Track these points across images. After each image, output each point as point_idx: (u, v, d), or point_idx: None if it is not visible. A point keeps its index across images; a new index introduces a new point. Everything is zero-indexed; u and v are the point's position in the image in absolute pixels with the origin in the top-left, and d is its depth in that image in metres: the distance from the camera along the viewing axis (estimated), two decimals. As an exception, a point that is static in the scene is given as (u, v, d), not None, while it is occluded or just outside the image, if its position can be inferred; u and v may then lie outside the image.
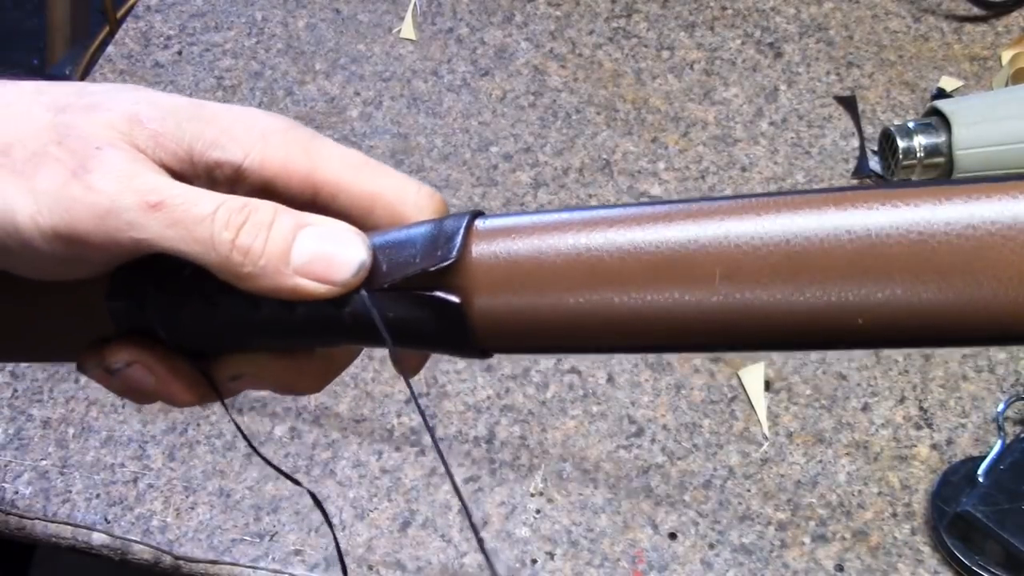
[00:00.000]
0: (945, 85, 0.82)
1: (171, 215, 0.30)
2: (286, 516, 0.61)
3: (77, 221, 0.29)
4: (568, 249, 0.29)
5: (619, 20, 0.89)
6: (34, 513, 0.62)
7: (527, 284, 0.29)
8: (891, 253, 0.25)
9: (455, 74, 0.85)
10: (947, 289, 0.25)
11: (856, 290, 0.26)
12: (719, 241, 0.27)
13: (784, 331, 0.27)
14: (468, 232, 0.30)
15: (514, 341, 0.30)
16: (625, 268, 0.28)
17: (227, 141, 0.32)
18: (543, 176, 0.78)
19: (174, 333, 0.33)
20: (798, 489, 0.62)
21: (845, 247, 0.26)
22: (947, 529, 0.58)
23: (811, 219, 0.26)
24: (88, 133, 0.30)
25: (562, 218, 0.30)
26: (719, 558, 0.59)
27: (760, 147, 0.80)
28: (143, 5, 0.92)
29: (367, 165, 0.34)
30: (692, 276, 0.27)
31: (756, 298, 0.27)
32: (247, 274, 0.30)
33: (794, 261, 0.26)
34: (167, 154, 0.31)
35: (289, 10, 0.91)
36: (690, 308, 0.27)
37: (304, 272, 0.30)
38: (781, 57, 0.86)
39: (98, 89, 0.33)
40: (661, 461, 0.63)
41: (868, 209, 0.26)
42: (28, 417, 0.66)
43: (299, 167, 0.33)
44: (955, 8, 0.88)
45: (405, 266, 0.30)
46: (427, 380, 0.67)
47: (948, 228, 0.25)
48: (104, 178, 0.29)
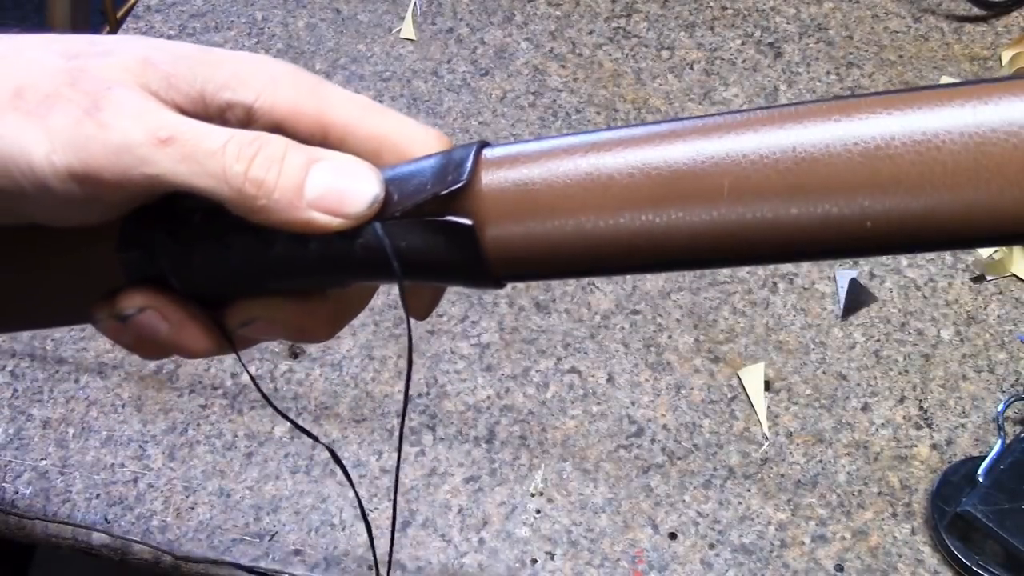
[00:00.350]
0: (945, 85, 0.82)
1: (182, 149, 0.30)
2: (286, 516, 0.61)
3: (91, 158, 0.30)
4: (577, 170, 0.29)
5: (619, 20, 0.89)
6: (34, 513, 0.62)
7: (538, 207, 0.29)
8: (897, 156, 0.26)
9: (455, 74, 0.85)
10: (954, 190, 0.25)
11: (864, 195, 0.26)
12: (726, 154, 0.27)
13: (794, 240, 0.27)
14: (477, 159, 0.30)
15: (527, 266, 0.31)
16: (635, 186, 0.28)
17: (238, 84, 0.33)
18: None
19: (187, 280, 0.33)
20: (798, 489, 0.62)
21: (852, 153, 0.26)
22: (947, 529, 0.58)
23: (817, 128, 0.27)
24: (101, 75, 0.31)
25: (570, 141, 0.30)
26: (719, 558, 0.59)
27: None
28: (143, 5, 0.92)
29: (375, 108, 0.34)
30: (701, 190, 0.27)
31: (765, 209, 0.27)
32: (260, 207, 0.30)
33: (801, 169, 0.27)
34: (180, 95, 0.32)
35: (289, 10, 0.91)
36: (701, 222, 0.28)
37: (317, 205, 0.30)
38: (781, 57, 0.86)
39: (110, 39, 0.33)
40: (661, 461, 0.63)
41: (872, 115, 0.26)
42: (28, 417, 0.66)
43: (309, 109, 0.33)
44: (955, 8, 0.88)
45: (416, 194, 0.30)
46: (427, 380, 0.67)
47: (951, 128, 0.25)
48: (116, 115, 0.30)
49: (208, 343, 0.35)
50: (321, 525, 0.61)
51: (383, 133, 0.34)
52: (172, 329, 0.34)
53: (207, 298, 0.34)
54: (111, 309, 0.34)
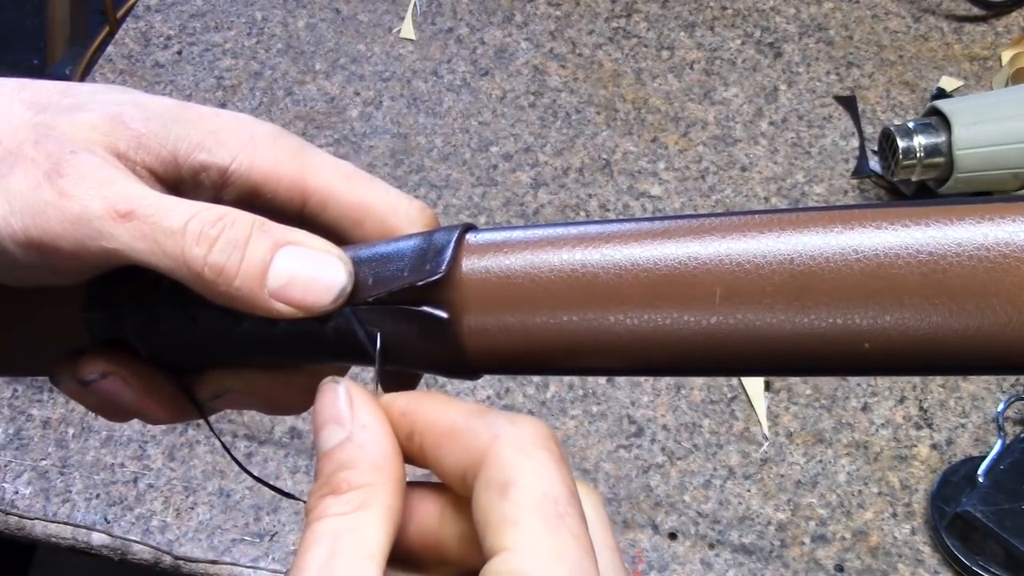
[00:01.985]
0: (945, 85, 0.82)
1: (141, 226, 0.28)
2: (286, 516, 0.61)
3: (47, 226, 0.28)
4: (562, 265, 0.28)
5: (619, 20, 0.89)
6: (34, 513, 0.62)
7: (520, 301, 0.28)
8: (900, 275, 0.24)
9: (455, 74, 0.85)
10: (958, 313, 0.24)
11: (863, 313, 0.25)
12: (720, 259, 0.26)
13: (786, 355, 0.26)
14: (459, 246, 0.29)
15: (506, 360, 0.29)
16: (622, 285, 0.27)
17: (214, 144, 0.31)
18: (543, 176, 0.78)
19: (152, 347, 0.32)
20: (798, 489, 0.62)
21: (852, 268, 0.25)
22: (947, 529, 0.58)
23: (817, 238, 0.25)
24: (66, 135, 0.30)
25: (556, 233, 0.28)
26: (719, 558, 0.59)
27: (760, 147, 0.80)
28: (143, 5, 0.92)
29: (358, 175, 0.32)
30: (691, 295, 0.26)
31: (758, 319, 0.26)
32: (221, 293, 0.29)
33: (798, 281, 0.25)
34: (150, 156, 0.30)
35: (289, 10, 0.91)
36: (689, 328, 0.26)
37: (280, 296, 0.29)
38: (781, 57, 0.86)
39: (83, 89, 0.32)
40: (661, 461, 0.63)
41: (876, 228, 0.25)
42: (28, 417, 0.66)
43: (289, 173, 0.32)
44: (955, 8, 0.88)
45: (392, 280, 0.29)
46: (427, 380, 0.67)
47: (960, 249, 0.24)
48: (76, 183, 0.28)
49: (172, 413, 0.33)
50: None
51: (366, 202, 0.32)
52: (135, 396, 0.33)
53: (175, 365, 0.33)
54: (73, 372, 0.33)
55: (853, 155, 0.78)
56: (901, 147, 0.71)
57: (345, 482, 0.27)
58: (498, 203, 0.76)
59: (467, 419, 0.27)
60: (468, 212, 0.76)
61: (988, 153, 0.70)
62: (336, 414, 0.28)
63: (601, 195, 0.77)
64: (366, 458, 0.27)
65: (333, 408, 0.28)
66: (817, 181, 0.77)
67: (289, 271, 0.29)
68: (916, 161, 0.71)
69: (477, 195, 0.77)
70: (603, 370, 0.29)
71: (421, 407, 0.28)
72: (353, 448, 0.27)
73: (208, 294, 0.29)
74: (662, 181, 0.78)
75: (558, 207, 0.76)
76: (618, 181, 0.77)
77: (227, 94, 0.84)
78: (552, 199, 0.77)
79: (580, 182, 0.78)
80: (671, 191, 0.77)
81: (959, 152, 0.70)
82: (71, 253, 0.29)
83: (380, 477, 0.27)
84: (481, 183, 0.78)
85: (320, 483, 0.27)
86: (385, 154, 0.80)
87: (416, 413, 0.28)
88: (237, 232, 0.29)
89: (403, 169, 0.79)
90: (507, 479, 0.25)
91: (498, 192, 0.77)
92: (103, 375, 0.32)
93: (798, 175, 0.78)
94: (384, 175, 0.78)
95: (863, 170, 0.77)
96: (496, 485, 0.25)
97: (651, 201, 0.76)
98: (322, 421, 0.28)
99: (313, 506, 0.27)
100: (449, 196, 0.77)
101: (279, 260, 0.29)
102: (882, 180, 0.76)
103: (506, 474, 0.25)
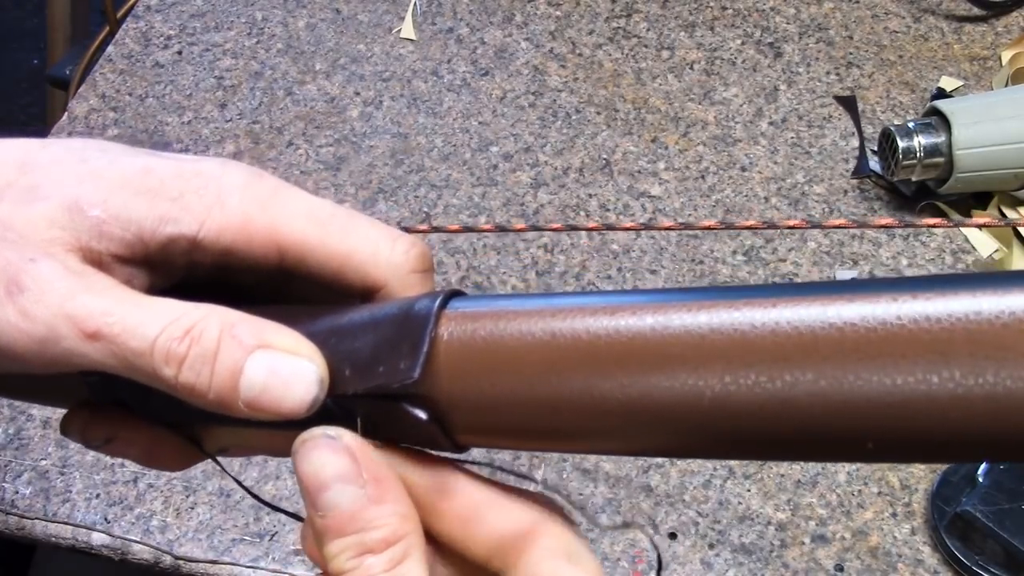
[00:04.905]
0: (945, 85, 0.82)
1: (109, 346, 0.28)
2: (286, 516, 0.61)
3: (14, 344, 0.28)
4: (554, 344, 0.26)
5: (619, 20, 0.89)
6: (34, 513, 0.62)
7: (508, 386, 0.27)
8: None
9: (455, 74, 0.85)
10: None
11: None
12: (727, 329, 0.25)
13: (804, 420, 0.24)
14: (434, 340, 0.27)
15: (496, 444, 0.29)
16: (615, 353, 0.26)
17: (179, 212, 0.30)
18: (543, 176, 0.78)
19: (148, 413, 0.32)
20: (798, 489, 0.62)
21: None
22: (947, 529, 0.58)
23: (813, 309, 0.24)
24: (24, 236, 0.28)
25: (546, 304, 0.27)
26: (719, 558, 0.59)
27: (760, 147, 0.80)
28: (143, 5, 0.92)
29: (335, 219, 0.31)
30: (710, 357, 0.25)
31: (784, 387, 0.24)
32: (197, 402, 0.28)
33: (805, 342, 0.24)
34: (114, 243, 0.29)
35: (289, 10, 0.91)
36: (710, 392, 0.24)
37: (254, 406, 0.28)
38: (781, 57, 0.86)
39: (43, 160, 0.30)
40: (661, 461, 0.63)
41: (891, 301, 0.23)
42: (28, 417, 0.66)
43: (259, 230, 0.30)
44: (955, 8, 0.88)
45: (368, 375, 0.28)
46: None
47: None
48: (37, 301, 0.28)
49: (184, 461, 0.33)
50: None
51: (344, 252, 0.30)
52: (142, 454, 0.33)
53: (175, 425, 0.33)
54: (80, 433, 0.33)
55: (853, 155, 0.78)
56: (901, 147, 0.71)
57: (382, 541, 0.27)
58: (498, 203, 0.76)
59: (500, 497, 0.29)
60: (468, 212, 0.76)
61: (988, 153, 0.70)
62: (342, 471, 0.27)
63: (601, 195, 0.77)
64: (394, 512, 0.27)
65: (336, 465, 0.27)
66: (817, 181, 0.77)
67: (261, 381, 0.28)
68: (916, 161, 0.71)
69: (477, 195, 0.77)
70: (589, 450, 0.29)
71: (449, 477, 0.29)
72: (375, 505, 0.27)
73: (186, 401, 0.29)
74: (662, 181, 0.78)
75: (558, 207, 0.76)
76: (618, 181, 0.77)
77: (227, 94, 0.84)
78: (552, 199, 0.77)
79: (580, 182, 0.78)
80: (671, 191, 0.77)
81: (959, 152, 0.70)
82: (43, 367, 0.28)
83: (409, 525, 0.27)
84: (481, 183, 0.78)
85: (346, 543, 0.27)
86: (385, 154, 0.80)
87: (446, 481, 0.29)
88: (205, 345, 0.28)
89: (403, 169, 0.79)
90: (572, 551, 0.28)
91: (498, 192, 0.77)
92: (107, 440, 0.33)
93: (798, 175, 0.78)
94: (384, 175, 0.78)
95: (863, 170, 0.77)
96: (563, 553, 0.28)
97: (651, 201, 0.76)
98: (324, 480, 0.28)
99: (350, 568, 0.27)
100: (449, 196, 0.77)
101: (250, 368, 0.28)
102: (882, 180, 0.76)
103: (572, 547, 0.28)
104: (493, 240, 0.74)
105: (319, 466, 0.28)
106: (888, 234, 0.74)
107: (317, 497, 0.27)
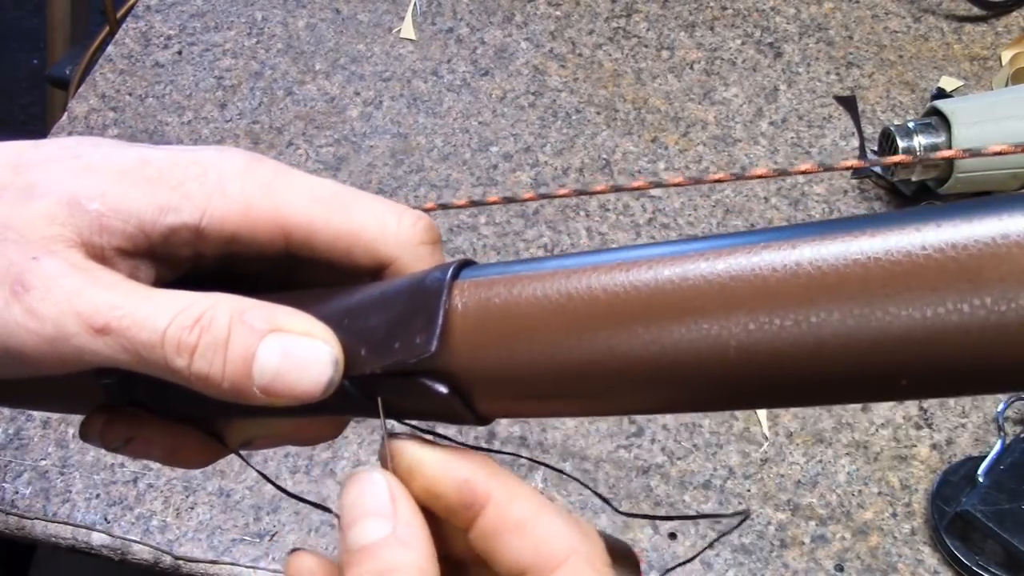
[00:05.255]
0: (945, 85, 0.82)
1: (119, 340, 0.27)
2: (286, 516, 0.61)
3: (23, 345, 0.27)
4: (570, 302, 0.26)
5: (619, 20, 0.89)
6: (34, 513, 0.62)
7: (524, 362, 0.26)
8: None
9: (455, 74, 0.85)
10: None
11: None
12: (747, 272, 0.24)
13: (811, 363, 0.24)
14: (448, 310, 0.27)
15: (519, 413, 0.29)
16: (631, 304, 0.25)
17: (180, 201, 0.29)
18: (543, 176, 0.78)
19: (167, 410, 0.32)
20: (798, 489, 0.62)
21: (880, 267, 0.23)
22: (947, 529, 0.58)
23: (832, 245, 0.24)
24: (25, 235, 0.28)
25: (556, 265, 0.27)
26: (719, 558, 0.59)
27: (760, 147, 0.80)
28: (143, 5, 0.92)
29: (338, 198, 0.30)
30: (708, 309, 0.24)
31: (811, 329, 0.23)
32: (212, 393, 0.28)
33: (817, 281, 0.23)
34: (115, 237, 0.29)
35: (289, 10, 0.91)
36: (708, 344, 0.24)
37: (269, 391, 0.27)
38: (781, 57, 0.86)
39: (37, 159, 0.30)
40: (661, 461, 0.63)
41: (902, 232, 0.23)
42: (28, 417, 0.66)
43: (263, 214, 0.30)
44: (955, 8, 0.88)
45: (384, 351, 0.27)
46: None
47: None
48: (43, 299, 0.27)
49: (208, 457, 0.33)
50: (321, 525, 0.61)
51: (351, 230, 0.30)
52: (164, 452, 0.32)
53: (195, 420, 0.32)
54: (100, 436, 0.32)
55: (853, 155, 0.78)
56: (901, 147, 0.71)
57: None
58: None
59: (539, 516, 0.27)
60: (468, 212, 0.76)
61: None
62: (377, 507, 0.27)
63: (601, 195, 0.77)
64: (412, 562, 0.27)
65: (373, 501, 0.27)
66: (817, 181, 0.77)
67: (274, 366, 0.27)
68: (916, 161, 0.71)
69: (477, 195, 0.77)
70: (618, 407, 0.28)
71: (487, 482, 0.27)
72: (399, 548, 0.27)
73: (201, 392, 0.28)
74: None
75: (558, 207, 0.76)
76: (618, 181, 0.77)
77: (227, 94, 0.84)
78: (552, 199, 0.77)
79: (580, 182, 0.78)
80: (671, 191, 0.77)
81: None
82: (53, 366, 0.28)
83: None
84: (481, 183, 0.78)
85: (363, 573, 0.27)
86: (385, 154, 0.80)
87: (480, 486, 0.27)
88: (216, 333, 0.27)
89: (403, 169, 0.79)
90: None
91: (498, 192, 0.77)
92: (126, 441, 0.32)
93: (798, 175, 0.78)
94: (384, 175, 0.78)
95: (863, 170, 0.77)
96: None
97: (651, 201, 0.76)
98: (359, 513, 0.27)
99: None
100: (449, 196, 0.77)
101: (263, 353, 0.27)
102: (882, 180, 0.76)
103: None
104: (493, 240, 0.74)
105: (355, 498, 0.28)
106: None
107: (350, 529, 0.27)
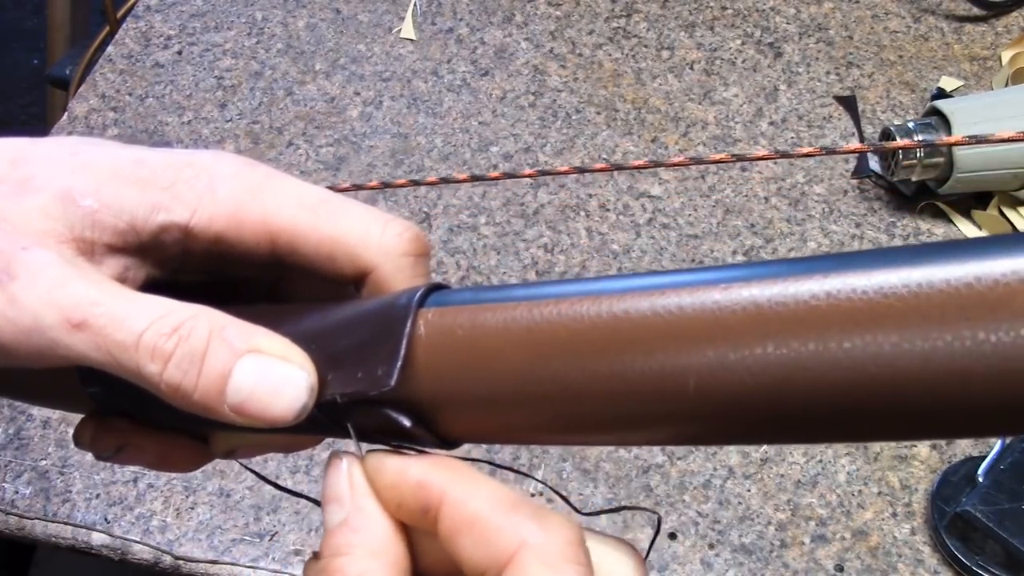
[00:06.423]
0: (945, 85, 0.82)
1: (94, 338, 0.27)
2: (286, 516, 0.61)
3: (1, 333, 0.27)
4: (533, 341, 0.25)
5: (619, 20, 0.89)
6: (34, 513, 0.62)
7: (489, 392, 0.26)
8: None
9: (455, 74, 0.85)
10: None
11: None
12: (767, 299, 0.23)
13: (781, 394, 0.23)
14: (411, 343, 0.27)
15: (486, 439, 0.29)
16: (596, 337, 0.25)
17: (170, 201, 0.30)
18: (543, 176, 0.78)
19: (150, 419, 0.32)
20: (798, 489, 0.62)
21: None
22: (947, 529, 0.58)
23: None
24: (17, 226, 0.28)
25: (524, 297, 0.26)
26: (719, 558, 0.59)
27: (760, 147, 0.80)
28: (143, 5, 0.92)
29: (325, 205, 0.31)
30: (681, 344, 0.24)
31: (787, 356, 0.23)
32: (180, 405, 0.28)
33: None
34: (107, 233, 0.29)
35: (289, 10, 0.91)
36: (714, 365, 0.24)
37: (240, 411, 0.27)
38: (781, 57, 0.86)
39: (35, 155, 0.30)
40: (661, 461, 0.63)
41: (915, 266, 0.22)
42: (28, 417, 0.66)
43: (251, 216, 0.30)
44: (955, 8, 0.88)
45: (348, 381, 0.27)
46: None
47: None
48: (28, 289, 0.27)
49: (198, 460, 0.33)
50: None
51: (336, 236, 0.30)
52: (154, 459, 0.33)
53: (181, 430, 0.33)
54: (90, 444, 0.32)
55: (853, 155, 0.78)
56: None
57: (339, 571, 0.26)
58: (498, 203, 0.76)
59: (492, 512, 0.26)
60: (468, 212, 0.76)
61: (988, 153, 0.70)
62: (337, 493, 0.28)
63: (601, 195, 0.77)
64: (363, 544, 0.27)
65: (336, 486, 0.28)
66: (817, 181, 0.77)
67: (249, 386, 0.27)
68: (916, 161, 0.71)
69: (477, 195, 0.77)
70: (583, 439, 0.27)
71: (441, 483, 0.27)
72: (350, 532, 0.27)
73: (170, 402, 0.28)
74: (662, 181, 0.78)
75: (558, 207, 0.76)
76: (618, 181, 0.77)
77: (227, 94, 0.84)
78: (552, 199, 0.77)
79: (580, 182, 0.78)
80: (671, 191, 0.77)
81: (959, 152, 0.70)
82: (29, 359, 0.28)
83: (377, 565, 0.26)
84: (481, 183, 0.78)
85: (321, 565, 0.27)
86: (385, 154, 0.80)
87: (433, 488, 0.27)
88: (194, 344, 0.27)
89: (403, 169, 0.79)
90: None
91: (498, 192, 0.77)
92: (117, 450, 0.32)
93: (798, 175, 0.78)
94: (384, 175, 0.78)
95: (863, 170, 0.77)
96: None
97: (651, 201, 0.76)
98: (327, 496, 0.28)
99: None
100: (449, 196, 0.77)
101: (239, 372, 0.27)
102: (882, 180, 0.77)
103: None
104: (493, 240, 0.74)
105: (327, 482, 0.28)
106: (888, 233, 0.74)
107: (323, 511, 0.28)
